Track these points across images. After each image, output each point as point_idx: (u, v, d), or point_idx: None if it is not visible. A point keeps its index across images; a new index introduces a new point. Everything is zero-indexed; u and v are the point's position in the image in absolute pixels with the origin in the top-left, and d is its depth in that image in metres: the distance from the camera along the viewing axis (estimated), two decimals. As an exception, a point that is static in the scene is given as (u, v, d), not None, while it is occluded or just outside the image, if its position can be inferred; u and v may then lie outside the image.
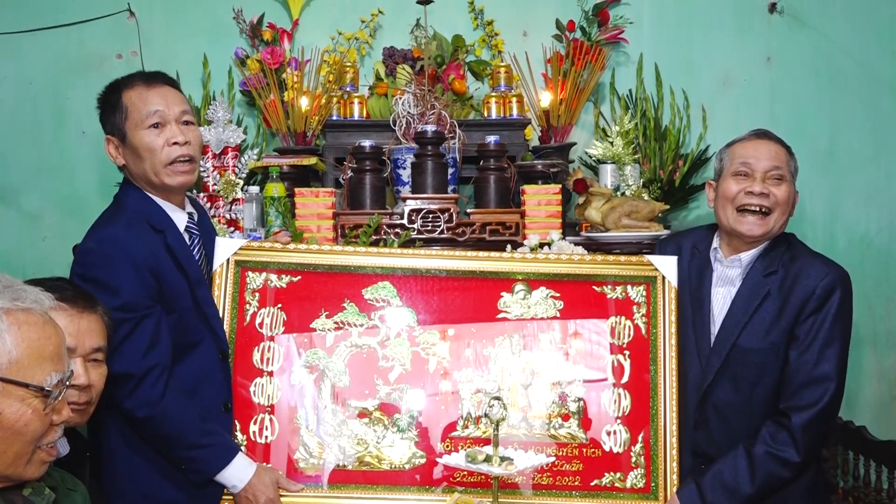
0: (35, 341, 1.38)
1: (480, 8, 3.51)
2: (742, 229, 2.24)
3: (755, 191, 2.23)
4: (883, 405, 3.55)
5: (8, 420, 1.35)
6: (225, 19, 3.43)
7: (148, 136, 2.09)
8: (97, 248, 2.03)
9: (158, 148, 2.09)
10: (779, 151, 2.27)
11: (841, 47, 3.54)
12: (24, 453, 1.39)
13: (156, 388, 2.02)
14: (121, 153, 2.14)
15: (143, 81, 2.14)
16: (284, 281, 2.35)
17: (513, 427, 2.28)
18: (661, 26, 3.55)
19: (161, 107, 2.11)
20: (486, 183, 3.01)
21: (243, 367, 2.29)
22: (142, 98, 2.11)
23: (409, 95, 3.15)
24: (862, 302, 3.49)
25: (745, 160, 2.26)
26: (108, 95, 2.17)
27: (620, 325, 2.36)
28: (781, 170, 2.24)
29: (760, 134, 2.32)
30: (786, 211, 2.25)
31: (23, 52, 3.48)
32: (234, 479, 2.11)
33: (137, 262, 2.03)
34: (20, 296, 1.39)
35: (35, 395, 1.37)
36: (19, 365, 1.36)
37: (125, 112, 2.10)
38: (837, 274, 2.21)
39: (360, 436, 2.28)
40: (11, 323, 1.36)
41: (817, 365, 2.14)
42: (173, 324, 2.09)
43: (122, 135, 2.12)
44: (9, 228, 3.50)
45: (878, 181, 3.56)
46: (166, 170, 2.10)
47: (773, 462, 2.14)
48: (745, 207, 2.23)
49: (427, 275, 2.39)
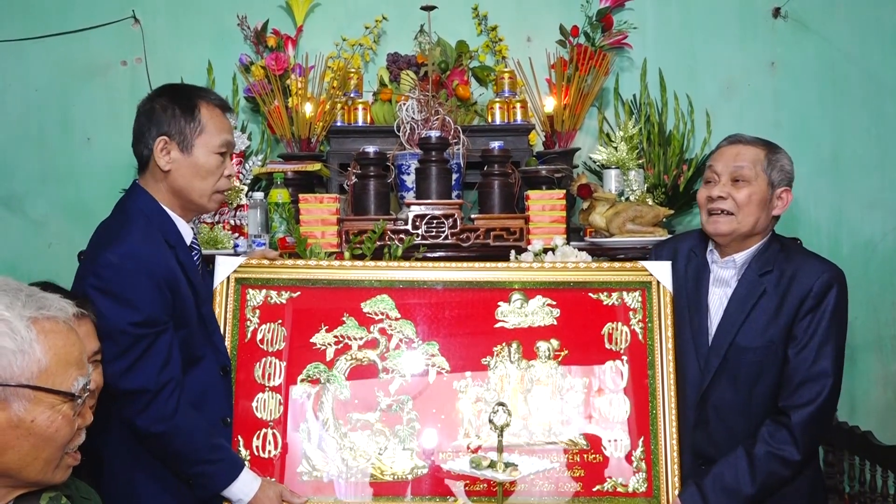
0: (62, 349, 1.40)
1: (484, 14, 3.51)
2: (710, 229, 2.31)
3: (713, 195, 2.27)
4: (888, 410, 3.54)
5: (40, 427, 1.38)
6: (229, 26, 3.44)
7: (216, 160, 2.13)
8: (119, 263, 2.00)
9: (218, 175, 2.14)
10: (745, 151, 2.28)
11: (845, 53, 3.54)
12: (53, 459, 1.41)
13: (169, 403, 2.02)
14: (172, 159, 2.10)
15: (221, 106, 2.18)
16: (284, 297, 2.37)
17: (514, 435, 2.28)
18: (664, 31, 3.55)
19: (231, 138, 2.18)
20: (490, 188, 3.02)
21: (245, 382, 2.30)
22: (221, 122, 2.15)
23: (412, 101, 3.16)
24: (867, 307, 3.49)
25: (712, 165, 2.32)
26: (181, 99, 2.12)
27: (617, 330, 2.37)
28: (744, 169, 2.25)
29: (732, 139, 2.34)
30: (753, 209, 2.25)
31: (28, 60, 3.49)
32: (240, 493, 2.12)
33: (157, 279, 2.02)
34: (44, 304, 1.41)
35: (64, 401, 1.40)
36: (48, 373, 1.38)
37: (201, 125, 2.11)
38: (833, 272, 2.23)
39: (362, 448, 2.29)
40: (39, 332, 1.38)
41: (815, 362, 2.16)
42: (182, 339, 2.09)
43: (187, 145, 2.10)
44: (14, 235, 3.51)
45: (882, 186, 3.55)
46: (213, 196, 2.16)
47: (773, 461, 2.15)
48: (710, 211, 2.29)
49: (424, 287, 2.41)
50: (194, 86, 2.25)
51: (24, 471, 1.39)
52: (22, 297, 1.39)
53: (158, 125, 2.10)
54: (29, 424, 1.36)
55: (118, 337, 1.97)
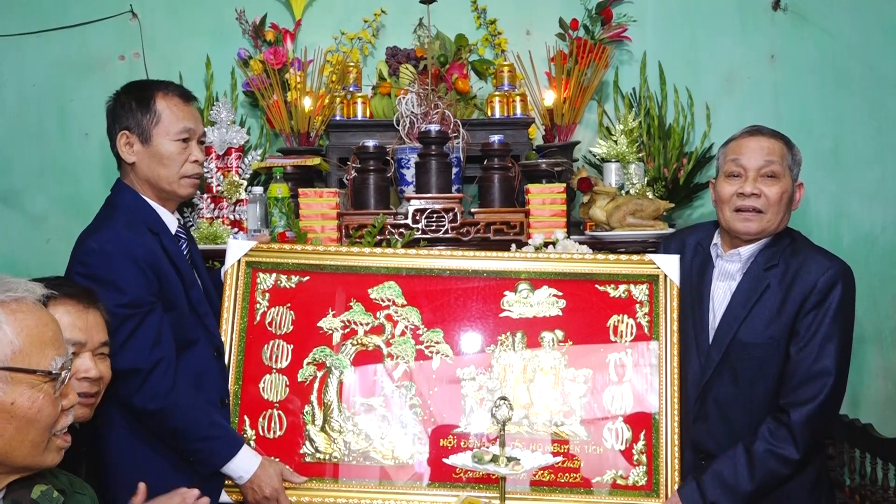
0: (34, 328, 1.40)
1: (483, 7, 3.50)
2: (739, 227, 2.24)
3: (746, 191, 2.21)
4: (888, 403, 3.54)
5: (21, 409, 1.37)
6: (227, 20, 3.43)
7: (175, 147, 2.20)
8: (99, 248, 2.08)
9: (181, 161, 2.21)
10: (772, 145, 2.23)
11: (845, 45, 3.53)
12: (40, 441, 1.41)
13: (165, 379, 2.07)
14: (134, 151, 2.20)
15: (180, 95, 2.26)
16: (293, 281, 2.42)
17: (515, 424, 2.30)
18: (664, 24, 3.54)
19: (192, 125, 2.24)
20: (490, 182, 3.01)
21: (253, 363, 2.36)
22: (179, 110, 2.22)
23: (412, 95, 3.15)
24: (867, 300, 3.49)
25: (736, 159, 2.25)
26: (138, 93, 2.22)
27: (623, 323, 2.38)
28: (774, 165, 2.21)
29: (753, 130, 2.28)
30: (782, 207, 2.23)
31: (26, 55, 3.48)
32: (240, 469, 2.16)
33: (139, 260, 2.09)
34: (10, 287, 1.42)
35: (43, 380, 1.40)
36: (23, 353, 1.38)
37: (157, 116, 2.20)
38: (839, 268, 2.19)
39: (366, 431, 2.33)
40: (7, 313, 1.38)
41: (817, 360, 2.13)
42: (172, 321, 2.15)
43: (146, 136, 2.19)
44: (13, 230, 3.50)
45: (883, 179, 3.55)
46: (181, 181, 2.23)
47: (772, 459, 2.13)
48: (740, 209, 2.23)
49: (431, 275, 2.44)
50: (154, 80, 2.36)
51: (11, 455, 1.39)
52: None
53: (119, 121, 2.22)
54: (9, 407, 1.36)
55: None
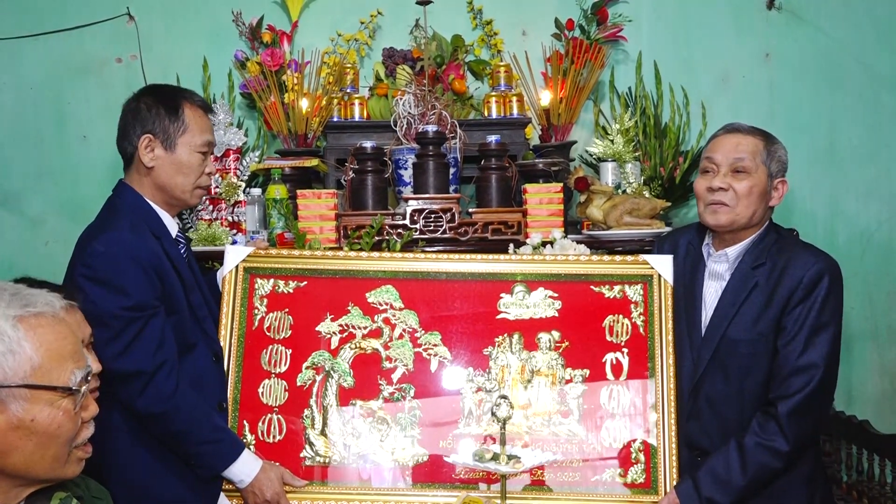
0: (53, 343, 1.38)
1: (479, 8, 3.52)
2: (709, 220, 2.28)
3: (714, 186, 2.25)
4: (885, 399, 3.56)
5: (41, 425, 1.36)
6: (224, 22, 3.44)
7: (197, 158, 2.24)
8: (105, 251, 2.07)
9: (199, 172, 2.25)
10: (744, 141, 2.26)
11: (839, 43, 3.55)
12: (60, 455, 1.40)
13: (168, 383, 2.08)
14: (155, 156, 2.20)
15: (203, 107, 2.29)
16: (291, 286, 2.42)
17: (513, 424, 2.30)
18: (659, 24, 3.56)
19: (212, 138, 2.30)
20: (487, 182, 3.02)
21: (252, 369, 2.36)
22: (203, 122, 2.26)
23: (409, 96, 3.16)
24: (863, 296, 3.51)
25: (710, 156, 2.29)
26: (165, 99, 2.22)
27: (618, 323, 2.39)
28: (744, 161, 2.23)
29: (731, 128, 2.31)
30: (753, 201, 2.24)
31: (23, 57, 3.49)
32: (241, 473, 2.17)
33: (144, 264, 2.09)
34: (30, 301, 1.39)
35: (63, 395, 1.38)
36: (42, 369, 1.36)
37: (184, 125, 2.21)
38: (825, 263, 2.20)
39: (364, 434, 2.34)
40: (27, 329, 1.36)
41: (804, 353, 2.14)
42: (174, 325, 2.16)
43: (171, 143, 2.20)
44: (11, 233, 3.51)
45: (877, 176, 3.57)
46: (195, 191, 2.26)
47: (763, 452, 2.14)
48: (710, 202, 2.27)
49: (428, 278, 2.44)
50: (178, 87, 2.39)
51: (32, 470, 1.38)
52: (6, 297, 1.37)
53: (143, 123, 2.20)
54: (29, 424, 1.35)
55: (110, 321, 2.03)
